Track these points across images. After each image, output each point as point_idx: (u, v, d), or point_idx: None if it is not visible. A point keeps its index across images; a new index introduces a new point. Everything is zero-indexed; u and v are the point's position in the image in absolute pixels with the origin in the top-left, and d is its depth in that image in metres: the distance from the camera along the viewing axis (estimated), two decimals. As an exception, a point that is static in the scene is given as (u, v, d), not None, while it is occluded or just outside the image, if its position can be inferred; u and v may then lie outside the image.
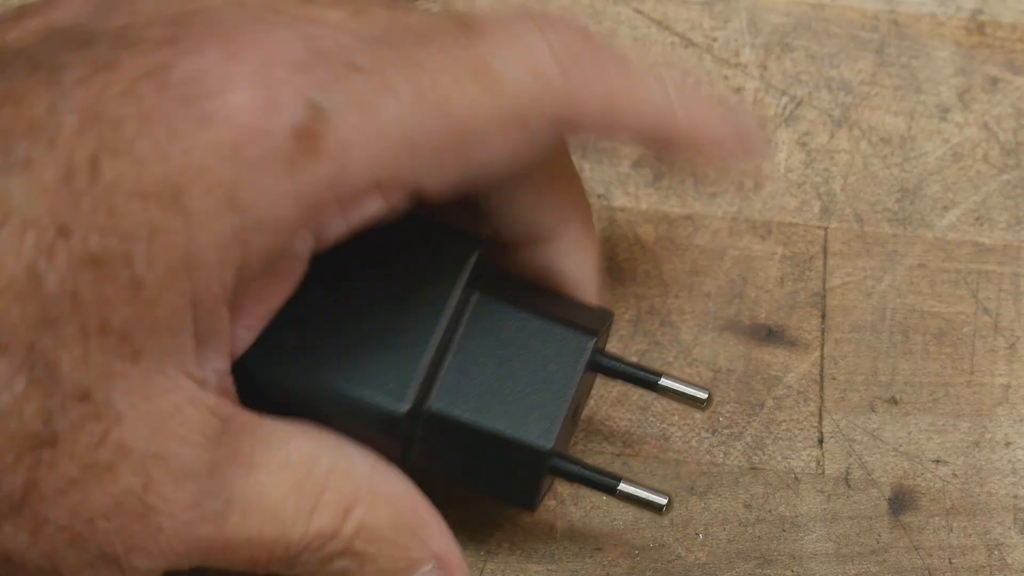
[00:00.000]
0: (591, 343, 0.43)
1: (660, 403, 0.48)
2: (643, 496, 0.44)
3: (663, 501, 0.44)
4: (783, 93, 0.52)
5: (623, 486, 0.44)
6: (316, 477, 0.40)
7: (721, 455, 0.48)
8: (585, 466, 0.44)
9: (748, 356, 0.49)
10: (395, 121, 0.37)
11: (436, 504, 0.47)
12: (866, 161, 0.51)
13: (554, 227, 0.44)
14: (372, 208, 0.38)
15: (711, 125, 0.42)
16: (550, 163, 0.43)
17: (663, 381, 0.45)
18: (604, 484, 0.44)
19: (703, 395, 0.45)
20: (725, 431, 0.48)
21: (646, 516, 0.47)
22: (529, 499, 0.44)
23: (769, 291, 0.50)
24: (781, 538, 0.47)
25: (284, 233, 0.37)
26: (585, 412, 0.48)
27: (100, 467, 0.36)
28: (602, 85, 0.40)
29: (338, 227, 0.38)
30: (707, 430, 0.48)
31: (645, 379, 0.45)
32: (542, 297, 0.45)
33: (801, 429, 0.48)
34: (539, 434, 0.42)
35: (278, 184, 0.36)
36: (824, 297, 0.50)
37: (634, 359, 0.48)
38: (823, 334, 0.49)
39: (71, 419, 0.36)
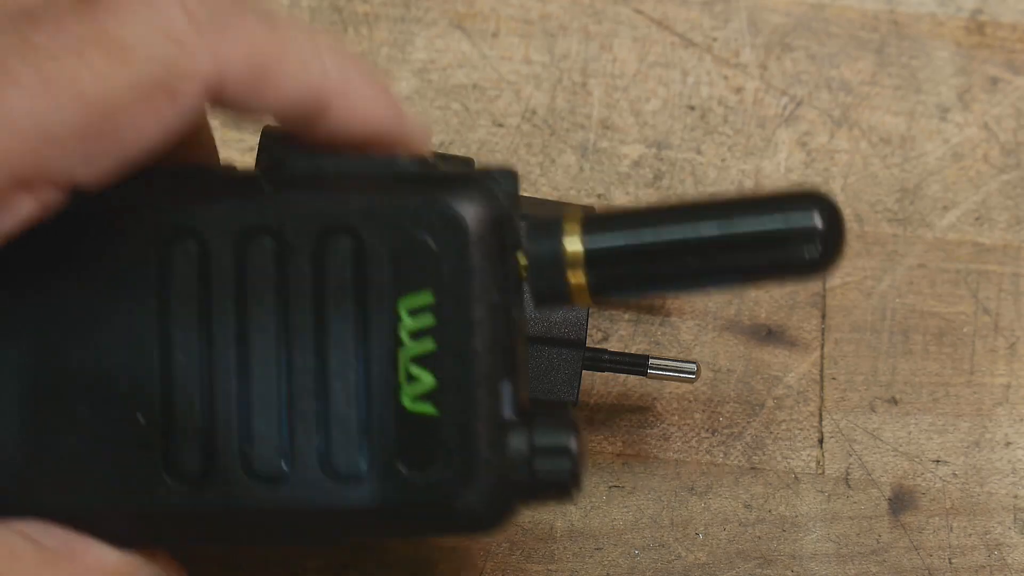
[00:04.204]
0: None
1: (660, 403, 0.48)
2: (673, 366, 0.47)
3: (693, 367, 0.47)
4: (783, 93, 0.52)
5: (653, 362, 0.46)
6: None
7: (721, 455, 0.48)
8: (612, 354, 0.46)
9: (748, 356, 0.49)
10: (25, 112, 0.35)
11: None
12: (866, 161, 0.51)
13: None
14: (24, 209, 0.36)
15: (368, 100, 0.39)
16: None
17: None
18: (635, 366, 0.46)
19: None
20: (725, 431, 0.48)
21: (646, 516, 0.47)
22: (572, 393, 0.46)
23: (769, 291, 0.50)
24: (781, 538, 0.47)
25: None
26: (586, 412, 0.48)
27: None
28: (247, 46, 0.37)
29: None
30: (707, 430, 0.48)
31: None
32: None
33: (801, 429, 0.48)
34: (572, 331, 0.45)
35: None
36: (824, 297, 0.50)
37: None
38: (823, 334, 0.49)
39: None
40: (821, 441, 0.48)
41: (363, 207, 0.38)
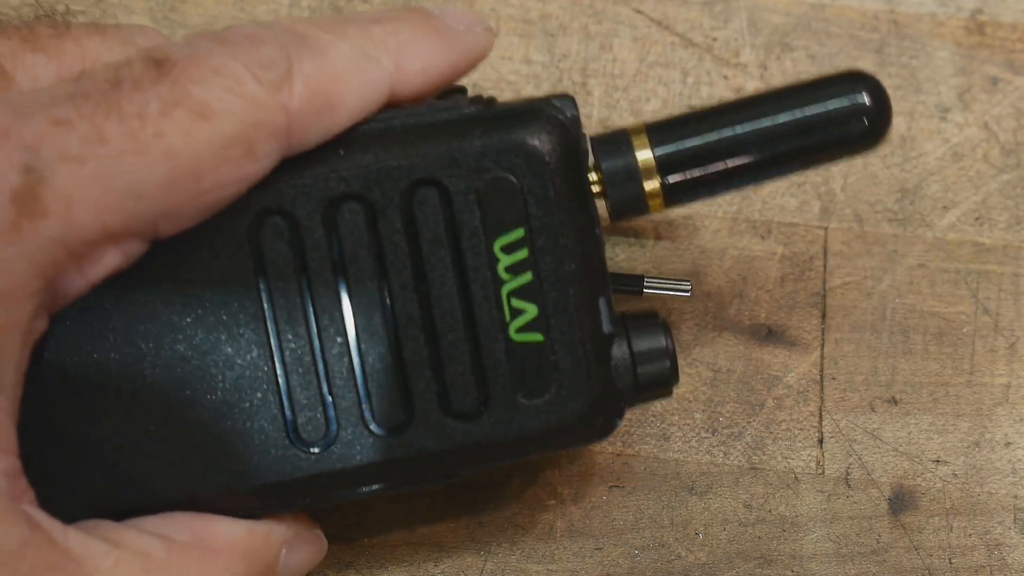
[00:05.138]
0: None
1: (660, 403, 0.48)
2: (669, 285, 0.47)
3: (688, 284, 0.47)
4: (783, 93, 0.52)
5: (648, 281, 0.47)
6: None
7: (721, 455, 0.48)
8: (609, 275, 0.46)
9: (748, 356, 0.49)
10: (115, 170, 0.36)
11: (437, 502, 0.47)
12: (866, 161, 0.51)
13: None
14: (110, 261, 0.38)
15: (425, 59, 0.40)
16: None
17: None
18: (631, 285, 0.47)
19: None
20: (725, 431, 0.48)
21: (646, 516, 0.47)
22: None
23: (769, 291, 0.50)
24: (781, 538, 0.47)
25: (23, 300, 0.36)
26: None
27: None
28: (308, 89, 0.39)
29: (77, 284, 0.38)
30: (707, 430, 0.48)
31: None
32: None
33: (801, 429, 0.48)
34: None
35: (5, 251, 0.36)
36: (824, 297, 0.50)
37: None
38: (823, 334, 0.49)
39: None
40: (821, 441, 0.48)
41: (442, 156, 0.40)
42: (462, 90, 0.47)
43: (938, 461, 0.48)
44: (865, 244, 0.50)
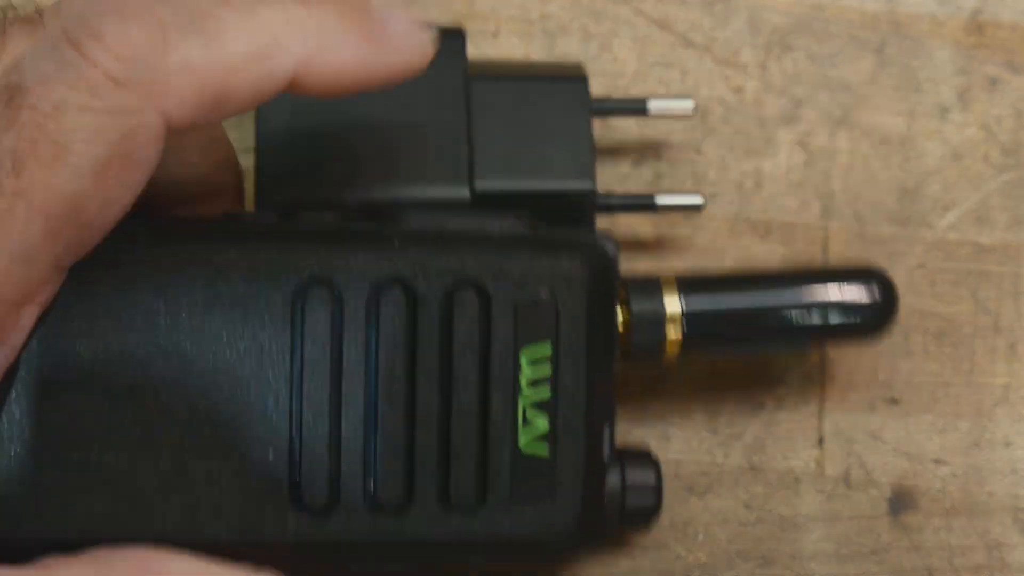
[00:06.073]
0: (586, 85, 0.46)
1: (660, 403, 0.48)
2: (680, 200, 0.48)
3: (700, 200, 0.48)
4: (783, 93, 0.52)
5: (659, 198, 0.48)
6: None
7: (721, 455, 0.48)
8: (619, 196, 0.47)
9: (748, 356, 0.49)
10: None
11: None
12: (866, 161, 0.51)
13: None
14: (27, 320, 0.35)
15: (341, 53, 0.36)
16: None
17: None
18: (643, 203, 0.48)
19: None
20: (725, 431, 0.48)
21: (646, 516, 0.47)
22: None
23: (769, 291, 0.50)
24: (781, 538, 0.47)
25: None
26: (585, 412, 0.48)
27: None
28: (190, 80, 0.34)
29: (2, 355, 0.36)
30: (707, 430, 0.48)
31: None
32: (515, 66, 0.48)
33: (801, 429, 0.48)
34: (579, 177, 0.45)
35: None
36: (824, 297, 0.50)
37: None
38: (823, 334, 0.49)
39: None
40: (821, 441, 0.48)
41: (492, 265, 0.41)
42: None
43: (938, 461, 0.48)
44: (865, 244, 0.50)
